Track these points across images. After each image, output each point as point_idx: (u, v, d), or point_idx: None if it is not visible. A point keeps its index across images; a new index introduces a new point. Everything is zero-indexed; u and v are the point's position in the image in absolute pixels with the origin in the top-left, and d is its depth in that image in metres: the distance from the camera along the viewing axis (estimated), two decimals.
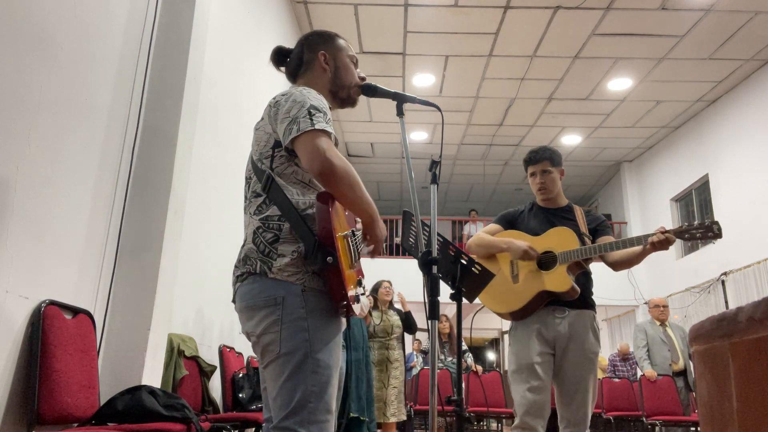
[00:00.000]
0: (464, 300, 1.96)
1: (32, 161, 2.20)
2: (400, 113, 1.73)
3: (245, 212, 1.60)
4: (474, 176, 11.62)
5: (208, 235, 4.01)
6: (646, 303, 7.96)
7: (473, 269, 1.93)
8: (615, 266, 2.58)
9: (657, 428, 5.36)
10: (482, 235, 2.64)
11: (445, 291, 1.77)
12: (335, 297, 1.44)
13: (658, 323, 5.60)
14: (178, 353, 3.18)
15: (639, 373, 5.75)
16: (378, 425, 4.66)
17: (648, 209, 10.44)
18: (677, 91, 8.24)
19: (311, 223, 1.47)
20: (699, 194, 9.20)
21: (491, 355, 17.61)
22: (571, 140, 9.92)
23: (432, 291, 1.60)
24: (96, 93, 2.63)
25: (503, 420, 6.99)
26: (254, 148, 1.61)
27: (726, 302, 8.06)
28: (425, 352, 7.63)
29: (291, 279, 1.44)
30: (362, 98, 1.79)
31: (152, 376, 2.74)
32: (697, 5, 6.29)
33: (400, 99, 1.73)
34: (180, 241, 3.08)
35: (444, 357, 6.35)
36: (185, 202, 3.13)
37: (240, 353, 4.30)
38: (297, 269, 1.45)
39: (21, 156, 2.13)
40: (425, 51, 7.33)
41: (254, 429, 3.64)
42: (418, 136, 9.89)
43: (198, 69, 3.25)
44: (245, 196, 1.61)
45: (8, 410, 2.02)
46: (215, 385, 3.81)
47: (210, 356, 3.87)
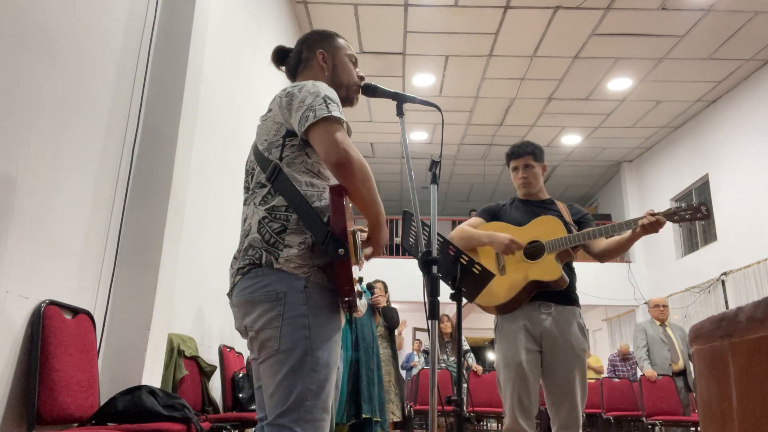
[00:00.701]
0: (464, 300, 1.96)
1: (32, 161, 2.20)
2: (400, 113, 1.74)
3: (246, 204, 1.56)
4: (474, 176, 11.62)
5: (208, 235, 4.01)
6: (646, 303, 7.96)
7: (473, 269, 1.93)
8: (602, 256, 2.54)
9: (657, 428, 5.36)
10: (464, 228, 2.60)
11: (445, 291, 1.77)
12: (342, 291, 1.42)
13: (658, 323, 5.60)
14: (178, 353, 3.18)
15: (639, 373, 5.75)
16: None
17: (648, 209, 10.43)
18: (677, 91, 8.24)
19: (321, 214, 1.45)
20: (699, 194, 9.20)
21: (491, 355, 17.61)
22: (571, 140, 9.92)
23: (432, 291, 1.60)
24: (96, 93, 2.63)
25: (503, 420, 7.00)
26: (260, 139, 1.58)
27: (726, 302, 8.06)
28: (426, 352, 7.63)
29: (296, 271, 1.41)
30: (362, 98, 1.79)
31: (152, 376, 2.74)
32: (697, 5, 6.29)
33: (400, 99, 1.74)
34: (180, 241, 3.08)
35: (446, 357, 6.35)
36: (185, 202, 3.13)
37: (240, 353, 4.31)
38: (303, 262, 1.42)
39: (21, 156, 2.13)
40: (425, 51, 7.33)
41: (254, 429, 3.64)
42: (418, 136, 9.89)
43: (198, 69, 3.25)
44: (247, 188, 1.58)
45: (8, 410, 2.02)
46: (215, 385, 3.81)
47: (210, 356, 3.87)
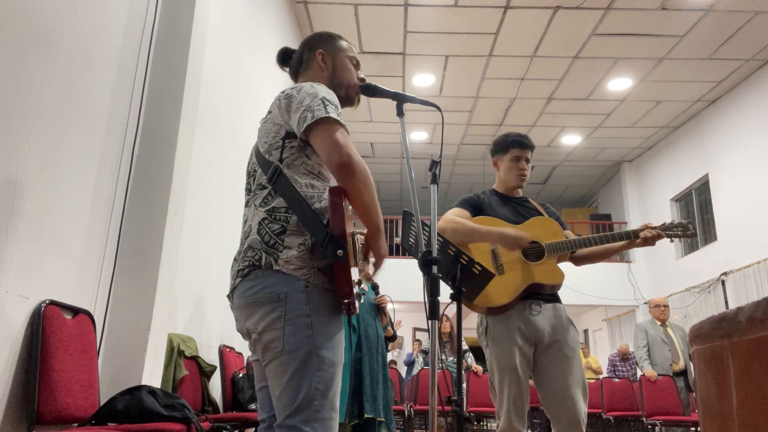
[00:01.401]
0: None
1: (32, 161, 2.20)
2: (400, 113, 1.73)
3: (247, 206, 1.57)
4: (474, 176, 11.62)
5: (208, 235, 4.01)
6: (646, 303, 7.97)
7: (473, 269, 1.93)
8: (580, 261, 2.50)
9: (657, 428, 5.35)
10: (458, 220, 2.42)
11: (445, 291, 1.77)
12: (340, 293, 1.42)
13: (659, 323, 5.60)
14: (178, 353, 3.18)
15: (639, 373, 5.75)
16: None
17: (648, 209, 10.44)
18: (677, 91, 8.24)
19: (321, 216, 1.45)
20: (699, 194, 9.20)
21: None
22: (571, 140, 9.92)
23: (432, 291, 1.60)
24: (96, 93, 2.63)
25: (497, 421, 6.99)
26: (261, 141, 1.59)
27: (726, 302, 8.06)
28: (426, 352, 7.62)
29: (296, 273, 1.41)
30: (362, 98, 1.79)
31: (152, 376, 2.74)
32: (697, 5, 6.29)
33: (400, 99, 1.74)
34: (180, 241, 3.08)
35: (445, 357, 6.34)
36: (185, 202, 3.13)
37: (240, 353, 4.31)
38: (303, 263, 1.42)
39: (21, 156, 2.14)
40: (425, 51, 7.33)
41: (254, 429, 3.64)
42: (418, 136, 9.89)
43: (198, 69, 3.25)
44: (248, 190, 1.59)
45: (8, 410, 2.02)
46: (215, 385, 3.81)
47: (210, 356, 3.87)
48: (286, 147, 1.52)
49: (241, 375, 3.86)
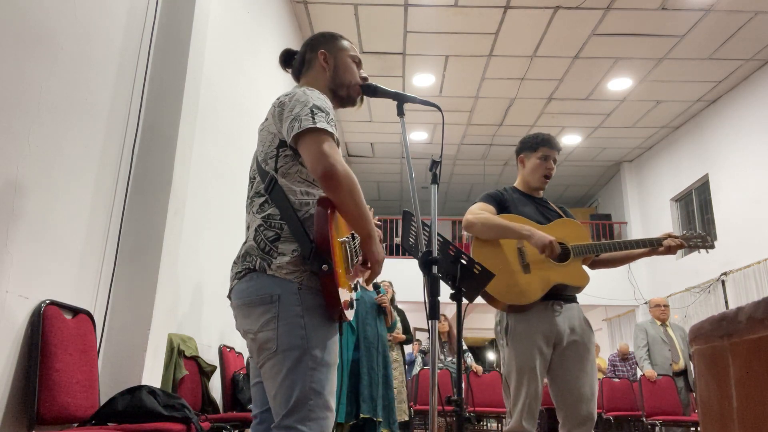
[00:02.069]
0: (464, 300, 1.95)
1: (32, 161, 2.20)
2: (401, 113, 1.74)
3: (247, 211, 1.61)
4: (474, 176, 11.62)
5: (208, 235, 4.01)
6: (647, 303, 7.97)
7: (473, 269, 1.93)
8: (599, 265, 2.52)
9: (657, 428, 5.36)
10: (488, 215, 2.40)
11: (445, 291, 1.77)
12: (328, 303, 1.44)
13: (659, 323, 5.60)
14: (178, 353, 3.18)
15: (639, 373, 5.75)
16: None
17: (648, 209, 10.44)
18: (677, 91, 8.24)
19: (310, 227, 1.47)
20: (699, 194, 9.20)
21: (491, 355, 17.62)
22: (571, 140, 9.92)
23: (432, 291, 1.60)
24: (96, 93, 2.63)
25: (503, 420, 6.99)
26: (259, 149, 1.61)
27: (726, 302, 8.06)
28: (425, 352, 7.62)
29: (288, 277, 1.44)
30: (364, 98, 1.79)
31: (152, 376, 2.74)
32: (697, 5, 6.29)
33: (401, 99, 1.74)
34: (180, 241, 3.08)
35: (444, 357, 6.34)
36: (185, 202, 3.13)
37: (240, 353, 4.31)
38: (296, 268, 1.45)
39: (21, 156, 2.14)
40: (425, 51, 7.33)
41: (252, 425, 3.64)
42: (418, 136, 9.89)
43: (198, 69, 3.25)
44: (248, 195, 1.62)
45: (8, 410, 2.02)
46: (215, 385, 3.81)
47: (210, 356, 3.87)
48: (281, 156, 1.54)
49: (241, 375, 3.86)
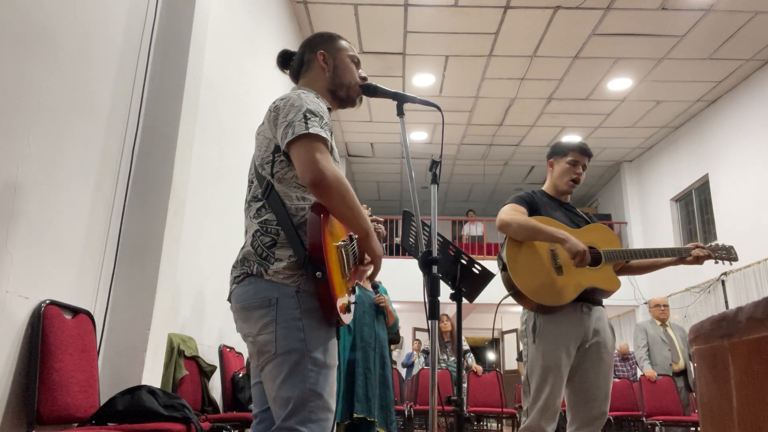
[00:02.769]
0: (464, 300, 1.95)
1: (32, 161, 2.20)
2: (401, 113, 1.74)
3: (246, 215, 1.61)
4: (474, 176, 11.61)
5: (208, 236, 4.01)
6: (646, 303, 7.96)
7: (473, 269, 1.93)
8: (627, 271, 2.56)
9: (657, 428, 5.35)
10: (524, 217, 2.41)
11: (445, 291, 1.77)
12: (324, 310, 1.45)
13: (659, 323, 5.60)
14: (178, 353, 3.18)
15: (639, 373, 5.75)
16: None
17: (648, 209, 10.44)
18: (677, 91, 8.24)
19: (305, 233, 1.47)
20: (699, 194, 9.20)
21: (492, 355, 17.62)
22: (571, 140, 9.91)
23: (432, 291, 1.60)
24: (96, 93, 2.63)
25: (503, 420, 7.00)
26: (256, 153, 1.62)
27: (726, 302, 8.06)
28: (426, 352, 7.62)
29: (286, 281, 1.45)
30: (363, 98, 1.79)
31: (152, 376, 2.74)
32: (697, 5, 6.29)
33: (401, 99, 1.74)
34: (180, 242, 3.08)
35: (446, 357, 6.33)
36: (185, 202, 3.13)
37: (240, 353, 4.30)
38: (292, 272, 1.46)
39: (21, 156, 2.14)
40: (425, 51, 7.33)
41: (252, 424, 3.64)
42: (418, 136, 9.89)
43: (198, 69, 3.25)
44: (246, 199, 1.63)
45: (8, 410, 2.02)
46: (215, 385, 3.81)
47: (210, 356, 3.87)
48: (276, 161, 1.55)
49: (241, 375, 3.86)
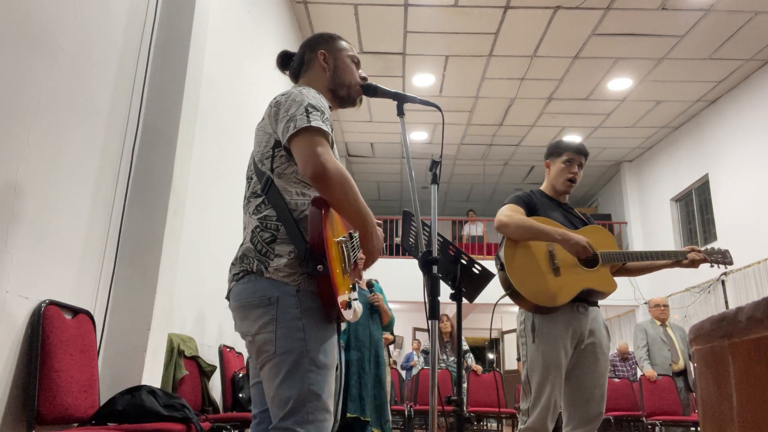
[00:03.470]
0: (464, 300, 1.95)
1: (32, 161, 2.20)
2: (401, 113, 1.74)
3: (244, 212, 1.60)
4: (474, 176, 11.61)
5: (208, 235, 4.01)
6: (646, 303, 7.96)
7: (473, 269, 1.93)
8: (623, 272, 2.57)
9: (657, 428, 5.35)
10: (522, 217, 2.42)
11: (445, 291, 1.77)
12: (325, 303, 1.44)
13: (659, 323, 5.60)
14: (178, 353, 3.18)
15: (639, 373, 5.75)
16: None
17: (648, 209, 10.44)
18: (677, 91, 8.24)
19: (305, 228, 1.47)
20: (699, 194, 9.20)
21: (491, 355, 17.61)
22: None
23: (432, 291, 1.60)
24: (96, 93, 2.63)
25: (503, 420, 6.99)
26: (255, 149, 1.62)
27: (726, 302, 8.06)
28: (426, 352, 7.61)
29: (286, 280, 1.44)
30: (363, 98, 1.79)
31: (152, 376, 2.74)
32: (697, 5, 6.29)
33: (401, 99, 1.74)
34: (180, 241, 3.08)
35: (446, 357, 6.33)
36: (185, 202, 3.13)
37: (240, 353, 4.30)
38: (293, 270, 1.45)
39: (21, 156, 2.14)
40: (425, 51, 7.33)
41: (251, 425, 3.64)
42: (418, 136, 9.89)
43: (198, 69, 3.25)
44: (245, 195, 1.62)
45: (8, 410, 2.02)
46: (215, 385, 3.81)
47: (210, 356, 3.87)
48: (276, 156, 1.54)
49: (241, 375, 3.86)
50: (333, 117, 1.64)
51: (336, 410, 3.58)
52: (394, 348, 8.90)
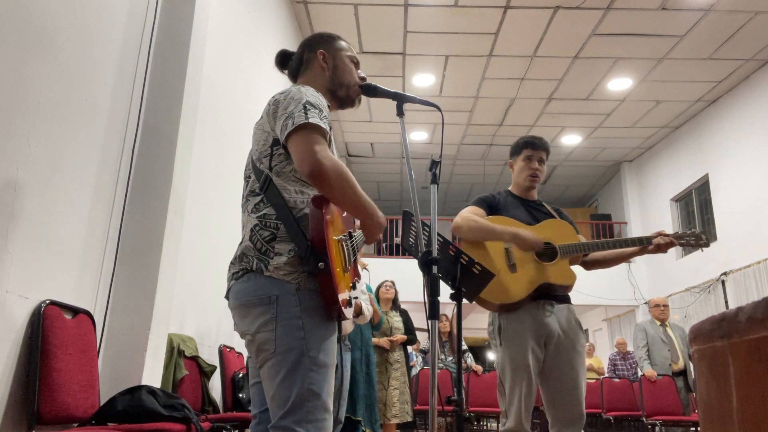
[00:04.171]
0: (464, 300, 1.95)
1: (32, 161, 2.20)
2: (400, 113, 1.74)
3: (243, 210, 1.60)
4: (474, 176, 11.61)
5: (208, 235, 4.01)
6: (646, 303, 7.96)
7: (473, 269, 1.93)
8: (592, 265, 2.54)
9: (657, 428, 5.36)
10: (475, 218, 2.46)
11: (445, 291, 1.77)
12: (326, 301, 1.44)
13: (659, 323, 5.60)
14: (178, 353, 3.18)
15: (639, 372, 5.75)
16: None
17: (648, 209, 10.44)
18: (677, 91, 8.24)
19: (306, 226, 1.47)
20: (699, 194, 9.20)
21: (491, 355, 17.62)
22: (571, 140, 9.92)
23: (432, 291, 1.60)
24: (96, 93, 2.63)
25: (502, 420, 6.98)
26: (254, 147, 1.61)
27: (726, 302, 8.06)
28: (425, 352, 7.61)
29: (286, 278, 1.44)
30: (362, 98, 1.79)
31: (152, 376, 2.74)
32: (697, 5, 6.29)
33: (400, 99, 1.74)
34: (180, 241, 3.08)
35: (444, 357, 6.33)
36: (185, 202, 3.13)
37: (240, 353, 4.30)
38: (293, 269, 1.45)
39: (21, 156, 2.14)
40: (425, 51, 7.33)
41: (250, 425, 3.64)
42: (418, 136, 9.89)
43: (198, 69, 3.25)
44: (243, 194, 1.62)
45: (8, 410, 2.02)
46: (215, 385, 3.81)
47: (210, 356, 3.87)
48: (274, 155, 1.54)
49: (241, 375, 3.86)
50: (332, 117, 1.64)
51: (338, 411, 3.59)
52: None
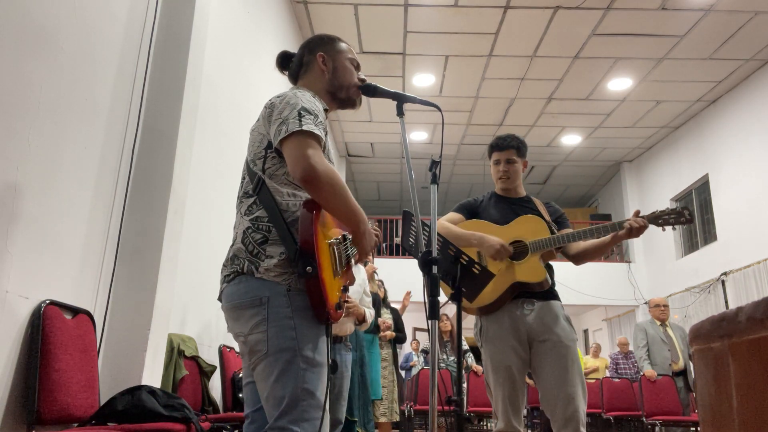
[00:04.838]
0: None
1: (32, 161, 2.20)
2: (400, 113, 1.74)
3: (237, 211, 1.61)
4: (474, 176, 11.62)
5: (208, 235, 4.01)
6: (646, 303, 7.96)
7: (473, 269, 1.93)
8: (578, 258, 2.50)
9: (657, 428, 5.36)
10: (447, 225, 2.49)
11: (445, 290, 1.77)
12: (314, 305, 1.44)
13: (659, 323, 5.60)
14: (178, 353, 3.18)
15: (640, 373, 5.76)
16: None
17: (648, 209, 10.44)
18: (677, 91, 8.24)
19: (296, 229, 1.47)
20: (699, 194, 9.20)
21: None
22: (571, 140, 9.92)
23: (432, 291, 1.60)
24: (96, 93, 2.63)
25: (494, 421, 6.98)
26: (249, 150, 1.63)
27: (726, 302, 8.06)
28: (426, 352, 7.61)
29: (277, 279, 1.45)
30: (363, 98, 1.79)
31: (152, 376, 2.74)
32: (697, 5, 6.29)
33: (400, 99, 1.74)
34: (180, 241, 3.08)
35: (446, 357, 6.33)
36: (185, 202, 3.13)
37: (240, 353, 4.30)
38: (283, 270, 1.46)
39: (21, 156, 2.13)
40: (425, 51, 7.33)
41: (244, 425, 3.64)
42: (418, 136, 9.89)
43: (198, 69, 3.25)
44: (238, 196, 1.63)
45: (8, 410, 2.02)
46: (215, 385, 3.81)
47: (210, 356, 3.87)
48: (268, 157, 1.55)
49: (241, 375, 3.86)
50: (332, 117, 1.64)
51: (339, 411, 3.59)
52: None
